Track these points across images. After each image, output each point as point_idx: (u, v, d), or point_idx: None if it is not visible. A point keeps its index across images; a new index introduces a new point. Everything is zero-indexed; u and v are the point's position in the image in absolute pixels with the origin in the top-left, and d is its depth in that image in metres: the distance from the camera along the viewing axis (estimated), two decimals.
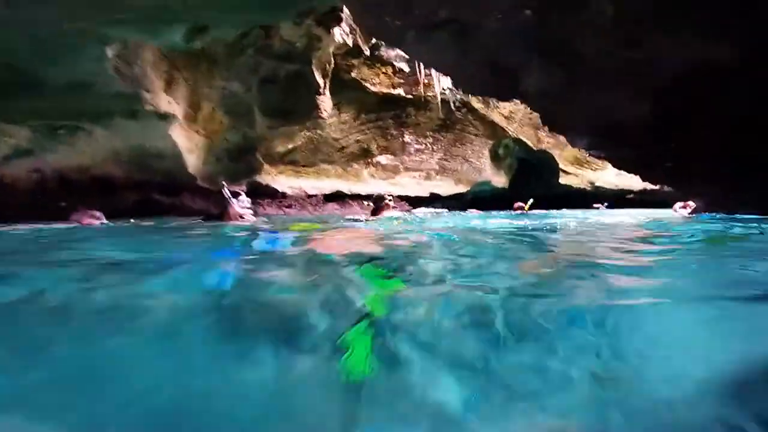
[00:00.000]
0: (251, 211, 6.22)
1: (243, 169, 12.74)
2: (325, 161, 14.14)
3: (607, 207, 11.71)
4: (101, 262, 2.42)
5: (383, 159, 14.69)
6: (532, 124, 13.42)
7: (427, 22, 4.55)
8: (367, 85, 13.11)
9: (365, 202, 13.65)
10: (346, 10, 10.62)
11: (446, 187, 14.78)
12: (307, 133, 13.39)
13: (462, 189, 14.76)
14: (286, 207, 13.64)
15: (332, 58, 11.27)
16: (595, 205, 12.39)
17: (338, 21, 10.40)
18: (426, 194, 14.63)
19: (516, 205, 8.29)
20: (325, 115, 12.93)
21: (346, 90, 13.03)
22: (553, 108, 5.14)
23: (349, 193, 13.59)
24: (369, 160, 14.68)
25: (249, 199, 6.42)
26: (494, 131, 13.93)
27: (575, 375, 0.94)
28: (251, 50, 10.82)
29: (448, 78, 13.05)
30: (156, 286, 1.73)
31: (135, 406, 0.83)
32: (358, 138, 14.37)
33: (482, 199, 14.52)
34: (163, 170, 10.83)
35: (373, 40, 11.95)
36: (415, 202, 14.08)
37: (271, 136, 12.68)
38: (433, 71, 12.51)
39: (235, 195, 6.04)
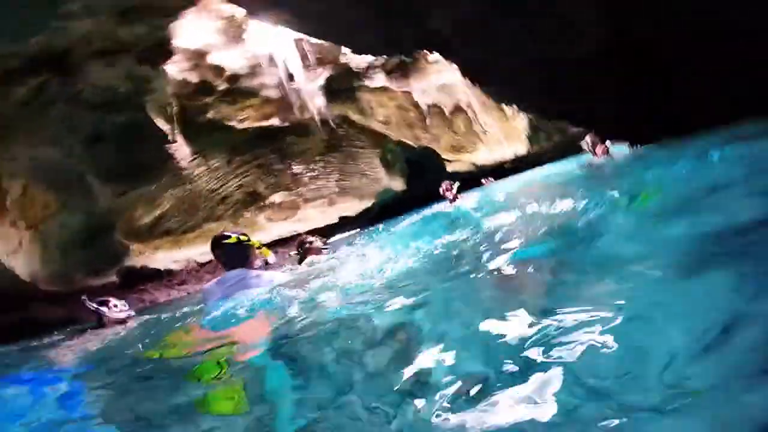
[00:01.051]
0: (127, 314, 4.71)
1: (103, 256, 9.67)
2: (209, 219, 11.96)
3: (494, 179, 13.00)
4: None
5: (277, 197, 13.31)
6: (407, 123, 14.25)
7: None
8: (233, 123, 11.77)
9: (277, 251, 11.98)
10: (179, 42, 9.37)
11: (353, 207, 14.28)
12: (173, 192, 11.14)
13: (368, 203, 14.49)
14: (179, 285, 10.94)
15: (173, 100, 9.60)
16: (483, 181, 13.33)
17: (167, 56, 8.98)
18: (335, 220, 13.82)
19: (445, 187, 8.16)
20: (184, 164, 10.98)
21: (204, 134, 11.39)
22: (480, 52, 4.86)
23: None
24: (261, 204, 13.08)
25: (122, 302, 4.87)
26: (377, 139, 14.23)
27: None
28: (60, 103, 8.38)
29: (323, 98, 12.89)
30: None
31: None
32: (239, 183, 12.69)
33: (389, 206, 14.54)
34: None
35: (230, 71, 10.81)
36: (327, 231, 13.11)
37: (124, 207, 10.04)
38: (304, 92, 12.07)
39: (103, 303, 4.62)
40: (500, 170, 14.96)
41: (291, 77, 11.87)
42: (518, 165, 14.26)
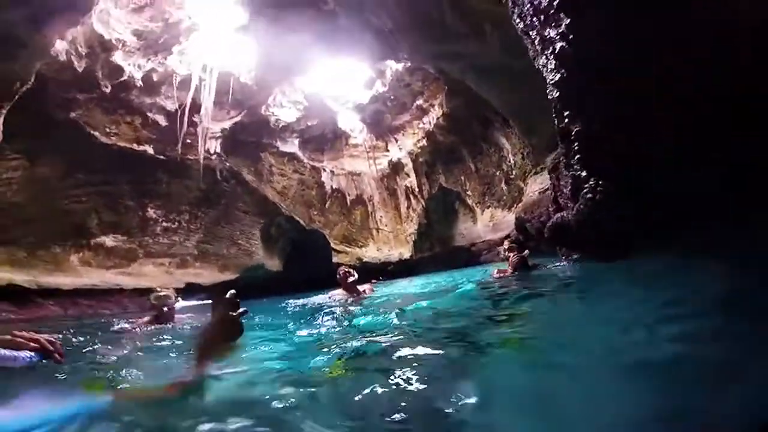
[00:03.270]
0: None
1: None
2: None
3: (381, 279, 12.42)
4: None
5: (110, 240, 10.28)
6: (305, 201, 13.37)
7: None
8: (97, 133, 9.43)
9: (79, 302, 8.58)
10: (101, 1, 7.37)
11: (208, 275, 11.73)
12: None
13: (229, 276, 12.13)
14: None
15: (32, 76, 7.25)
16: (372, 281, 12.60)
17: (75, 22, 6.98)
18: (180, 285, 10.98)
19: (342, 274, 5.62)
20: None
21: (54, 132, 8.82)
22: None
23: (34, 288, 8.20)
24: (84, 242, 9.88)
25: None
26: (266, 208, 12.80)
27: None
28: None
29: (219, 143, 11.44)
30: None
31: None
32: (67, 208, 9.62)
33: (255, 285, 12.40)
34: None
35: (126, 76, 8.95)
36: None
37: None
38: (201, 129, 10.54)
39: None
40: (383, 271, 14.50)
41: (196, 108, 10.44)
42: (400, 269, 14.02)
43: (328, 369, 1.81)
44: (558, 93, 3.53)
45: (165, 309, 4.50)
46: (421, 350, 1.86)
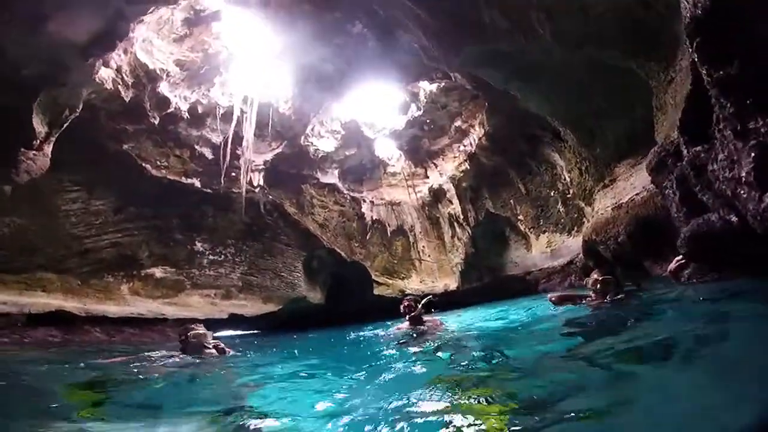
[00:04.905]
0: None
1: None
2: (47, 268, 8.88)
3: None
4: None
5: (158, 272, 10.58)
6: (346, 233, 13.11)
7: None
8: (148, 166, 9.96)
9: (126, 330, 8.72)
10: (143, 30, 7.71)
11: (252, 307, 11.62)
12: (10, 219, 8.36)
13: (272, 308, 11.93)
14: None
15: (78, 105, 7.59)
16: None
17: (112, 46, 7.20)
18: (224, 316, 10.94)
19: (406, 305, 5.44)
20: (38, 167, 8.31)
21: (106, 165, 9.37)
22: None
23: (83, 315, 8.42)
24: (134, 272, 10.24)
25: None
26: (307, 241, 12.69)
27: None
28: None
29: (262, 176, 11.72)
30: None
31: None
32: (117, 240, 10.09)
33: (299, 317, 12.06)
34: None
35: (173, 108, 9.50)
36: (208, 324, 10.15)
37: None
38: (244, 162, 10.88)
39: None
40: (429, 303, 13.51)
41: (239, 140, 10.85)
42: (444, 300, 12.97)
43: None
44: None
45: (194, 342, 4.69)
46: None
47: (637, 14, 3.94)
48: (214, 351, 4.96)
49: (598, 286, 3.85)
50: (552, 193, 9.72)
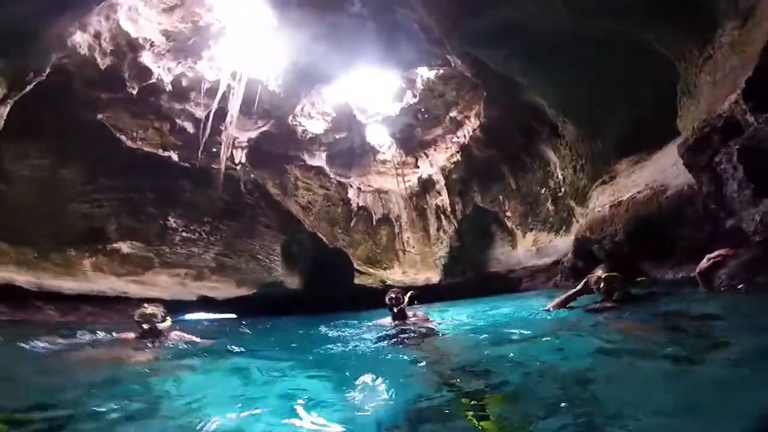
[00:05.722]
0: None
1: None
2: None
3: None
4: None
5: (126, 247, 9.93)
6: (330, 218, 12.67)
7: None
8: (122, 137, 9.30)
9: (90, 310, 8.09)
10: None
11: (224, 290, 11.09)
12: None
13: (245, 291, 11.44)
14: None
15: (45, 68, 6.87)
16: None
17: (87, 9, 6.59)
18: (192, 297, 10.40)
19: (393, 297, 4.82)
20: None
21: (78, 133, 8.73)
22: None
23: (35, 291, 7.74)
24: (100, 247, 9.57)
25: None
26: (289, 223, 12.19)
27: None
28: None
29: (245, 153, 11.10)
30: None
31: None
32: (85, 211, 9.41)
33: (275, 303, 11.62)
34: None
35: (154, 79, 8.83)
36: (174, 306, 9.64)
37: None
38: (227, 138, 10.23)
39: None
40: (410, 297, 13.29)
41: (223, 116, 10.21)
42: (426, 294, 12.79)
43: None
44: None
45: (146, 327, 4.27)
46: None
47: None
48: (176, 337, 4.53)
49: (602, 284, 3.30)
50: (543, 191, 9.56)
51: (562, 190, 8.76)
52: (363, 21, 8.21)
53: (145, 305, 4.56)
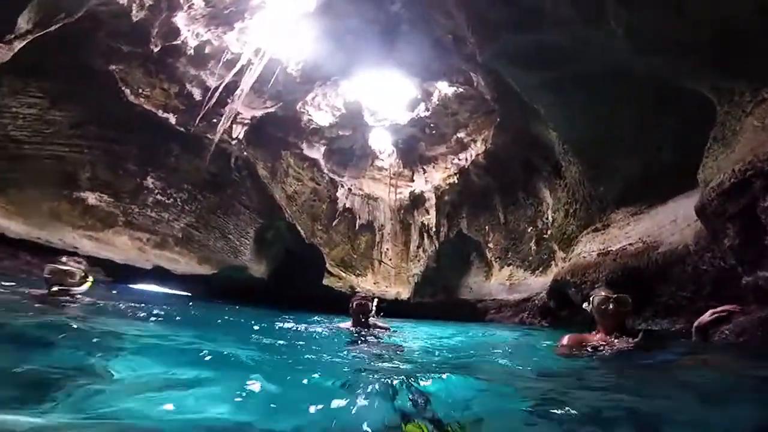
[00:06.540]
0: None
1: None
2: None
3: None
4: None
5: (93, 198, 9.32)
6: (312, 213, 12.35)
7: None
8: (127, 90, 8.92)
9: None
10: None
11: (185, 264, 10.52)
12: None
13: (207, 270, 10.89)
14: None
15: (78, 11, 6.68)
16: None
17: None
18: (148, 266, 9.80)
19: (360, 303, 4.61)
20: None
21: (82, 80, 8.35)
22: None
23: None
24: (66, 192, 8.94)
25: None
26: (269, 209, 11.79)
27: None
28: None
29: (245, 128, 10.71)
30: None
31: None
32: (62, 153, 8.85)
33: (234, 288, 11.12)
34: None
35: (179, 41, 8.64)
36: (125, 272, 9.10)
37: None
38: (229, 112, 9.86)
39: None
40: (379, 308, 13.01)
41: (234, 89, 9.89)
42: (394, 309, 12.57)
43: None
44: None
45: (55, 289, 3.56)
46: None
47: (743, 23, 3.20)
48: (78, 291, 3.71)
49: (610, 306, 2.71)
50: (530, 229, 9.63)
51: (549, 232, 8.84)
52: (398, 21, 8.18)
53: (63, 258, 3.77)
